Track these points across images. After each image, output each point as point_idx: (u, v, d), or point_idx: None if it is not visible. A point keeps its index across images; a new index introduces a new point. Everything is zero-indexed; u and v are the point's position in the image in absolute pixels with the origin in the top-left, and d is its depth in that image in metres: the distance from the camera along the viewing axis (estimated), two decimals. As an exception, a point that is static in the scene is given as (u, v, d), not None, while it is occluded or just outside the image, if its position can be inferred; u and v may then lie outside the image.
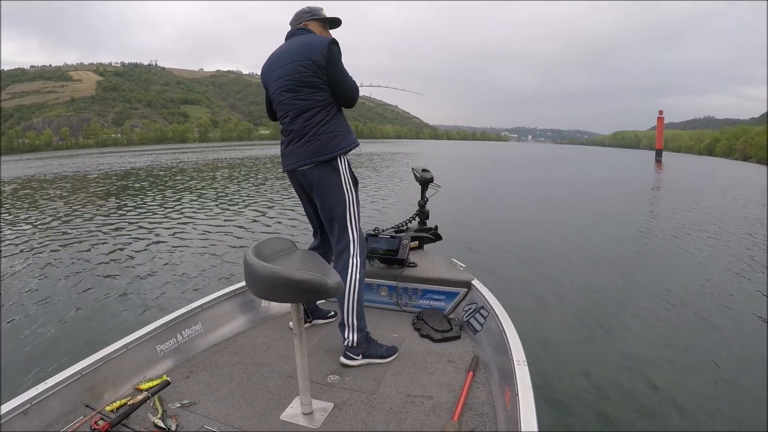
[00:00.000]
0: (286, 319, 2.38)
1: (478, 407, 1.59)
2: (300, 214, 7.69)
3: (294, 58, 1.94)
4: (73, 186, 15.59)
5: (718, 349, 3.35)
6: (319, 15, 2.11)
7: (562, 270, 5.30)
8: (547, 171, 22.98)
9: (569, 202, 11.40)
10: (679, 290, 4.68)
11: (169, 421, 1.49)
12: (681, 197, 12.79)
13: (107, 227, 7.90)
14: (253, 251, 1.42)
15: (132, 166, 25.10)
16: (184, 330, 2.04)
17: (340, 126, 1.97)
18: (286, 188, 12.60)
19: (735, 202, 12.04)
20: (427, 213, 3.11)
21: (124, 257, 5.91)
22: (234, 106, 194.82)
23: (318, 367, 1.90)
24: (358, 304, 1.92)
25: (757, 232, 7.88)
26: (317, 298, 1.66)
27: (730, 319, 3.92)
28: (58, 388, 1.52)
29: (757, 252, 6.43)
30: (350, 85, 1.98)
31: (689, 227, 8.17)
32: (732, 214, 9.89)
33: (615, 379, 2.91)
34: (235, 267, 5.30)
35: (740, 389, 2.81)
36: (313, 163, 1.94)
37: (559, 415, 2.54)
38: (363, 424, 1.52)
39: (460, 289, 2.43)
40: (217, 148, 56.61)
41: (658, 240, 7.20)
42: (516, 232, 7.45)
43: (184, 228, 7.79)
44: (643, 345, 3.40)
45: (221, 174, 18.78)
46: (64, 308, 4.15)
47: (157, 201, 11.08)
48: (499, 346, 1.83)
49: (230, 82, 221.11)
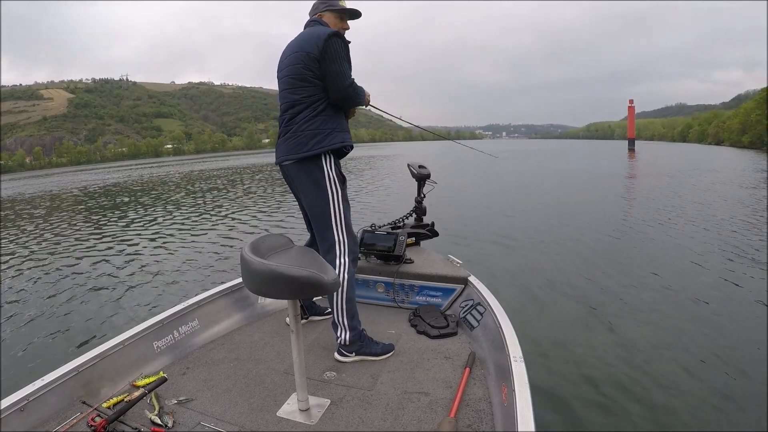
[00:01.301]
0: (282, 316, 2.38)
1: (474, 403, 1.60)
2: (296, 211, 7.67)
3: (294, 50, 1.91)
4: (74, 200, 15.52)
5: (717, 339, 3.36)
6: (336, 6, 2.01)
7: (553, 262, 5.32)
8: (524, 164, 23.51)
9: (549, 195, 11.47)
10: (669, 276, 4.73)
11: (165, 417, 1.49)
12: (654, 184, 13.07)
13: (106, 237, 7.89)
14: (250, 248, 1.42)
15: (115, 181, 25.01)
16: (181, 327, 2.03)
17: (327, 124, 1.88)
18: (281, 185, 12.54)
19: (714, 186, 12.26)
20: (424, 209, 3.11)
21: (122, 258, 5.90)
22: (207, 117, 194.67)
23: (315, 363, 1.90)
24: (348, 303, 1.91)
25: (737, 212, 7.99)
26: (314, 294, 1.66)
27: (723, 306, 3.94)
28: (55, 385, 1.52)
29: (742, 233, 6.52)
30: (344, 82, 1.86)
31: (667, 214, 8.25)
32: (711, 197, 10.05)
33: (612, 374, 2.92)
34: (227, 263, 5.30)
35: (739, 383, 2.82)
36: (293, 160, 1.90)
37: (556, 411, 2.55)
38: (360, 421, 1.52)
39: (457, 285, 2.43)
40: (193, 161, 55.55)
41: (640, 227, 7.28)
42: (500, 223, 7.49)
43: (182, 228, 7.77)
44: (639, 338, 3.41)
45: (204, 185, 18.67)
46: (64, 307, 4.15)
47: (146, 211, 11.04)
48: (495, 343, 1.84)
49: (202, 93, 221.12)
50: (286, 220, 8.01)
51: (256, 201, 10.49)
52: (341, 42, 1.87)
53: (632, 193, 11.73)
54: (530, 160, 28.18)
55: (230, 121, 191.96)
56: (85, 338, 3.47)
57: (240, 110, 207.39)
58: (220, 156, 75.21)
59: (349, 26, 2.07)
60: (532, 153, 39.42)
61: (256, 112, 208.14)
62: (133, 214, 9.64)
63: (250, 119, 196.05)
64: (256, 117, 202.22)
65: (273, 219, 8.26)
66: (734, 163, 21.54)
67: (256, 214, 8.79)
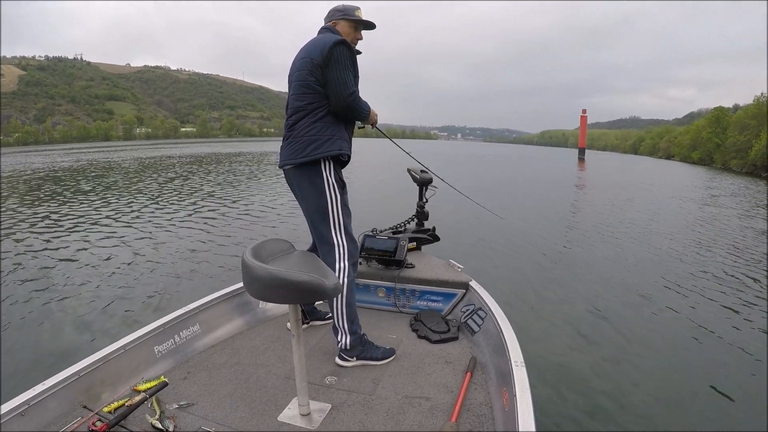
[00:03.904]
0: (283, 321, 2.38)
1: (475, 408, 1.60)
2: (299, 214, 7.67)
3: (301, 56, 1.93)
4: (39, 185, 15.40)
5: (716, 347, 3.37)
6: (352, 15, 2.00)
7: (553, 265, 5.32)
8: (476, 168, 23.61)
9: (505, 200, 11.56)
10: (678, 281, 4.79)
11: (166, 422, 1.49)
12: (596, 195, 13.55)
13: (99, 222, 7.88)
14: (251, 252, 1.42)
15: (79, 165, 23.66)
16: (182, 331, 2.04)
17: (327, 131, 1.89)
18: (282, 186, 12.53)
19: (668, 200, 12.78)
20: (427, 214, 3.11)
21: (123, 258, 5.90)
22: (161, 102, 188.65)
23: (316, 368, 1.90)
24: (348, 308, 1.92)
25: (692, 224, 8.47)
26: (315, 299, 1.66)
27: (722, 312, 3.95)
28: (56, 389, 1.51)
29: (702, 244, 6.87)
30: (344, 91, 1.85)
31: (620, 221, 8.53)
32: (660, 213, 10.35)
33: (613, 379, 2.92)
34: (227, 267, 5.30)
35: (739, 391, 2.82)
36: (293, 164, 1.93)
37: (558, 417, 2.54)
38: (361, 425, 1.52)
39: (458, 290, 2.43)
40: (144, 147, 53.00)
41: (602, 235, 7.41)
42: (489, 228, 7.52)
43: (181, 229, 7.78)
44: (639, 343, 3.41)
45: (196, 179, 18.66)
46: (57, 308, 4.14)
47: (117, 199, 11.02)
48: (496, 347, 1.84)
49: (158, 78, 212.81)
50: (289, 224, 8.02)
51: (258, 204, 10.51)
52: (347, 51, 1.87)
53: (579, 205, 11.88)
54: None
55: (184, 108, 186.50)
56: (85, 342, 3.47)
57: (195, 97, 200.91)
58: (171, 143, 72.82)
59: (363, 37, 2.08)
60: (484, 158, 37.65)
61: (211, 99, 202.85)
62: (114, 204, 9.49)
63: (204, 107, 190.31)
64: (210, 105, 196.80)
65: (275, 222, 8.26)
66: (681, 178, 22.54)
67: (257, 217, 8.79)
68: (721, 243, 7.07)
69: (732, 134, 37.14)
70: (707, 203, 12.39)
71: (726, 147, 37.76)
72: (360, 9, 2.05)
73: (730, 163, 35.53)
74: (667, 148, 62.41)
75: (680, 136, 59.31)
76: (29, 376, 2.87)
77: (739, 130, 35.82)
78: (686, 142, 52.30)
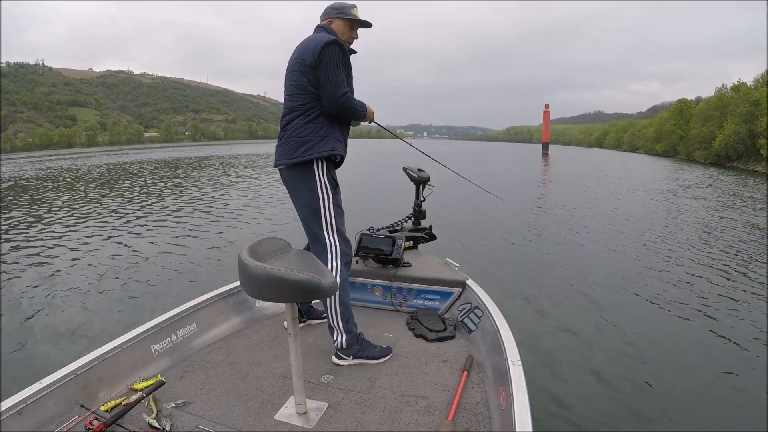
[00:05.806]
0: (280, 319, 2.38)
1: (472, 407, 1.60)
2: (294, 213, 7.65)
3: (294, 56, 1.93)
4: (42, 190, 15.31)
5: (718, 345, 3.39)
6: (347, 14, 1.99)
7: (552, 265, 5.34)
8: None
9: None
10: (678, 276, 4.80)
11: (163, 420, 1.49)
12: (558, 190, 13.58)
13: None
14: (248, 251, 1.42)
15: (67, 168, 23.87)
16: (179, 330, 2.04)
17: (319, 131, 1.89)
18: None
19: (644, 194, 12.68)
20: (424, 213, 3.12)
21: (123, 258, 5.88)
22: (124, 107, 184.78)
23: (312, 366, 1.91)
24: (342, 307, 1.92)
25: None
26: (312, 298, 1.67)
27: (718, 310, 3.97)
28: (53, 388, 1.51)
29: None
30: (336, 91, 1.84)
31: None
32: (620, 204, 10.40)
33: (610, 377, 2.93)
34: (224, 266, 5.29)
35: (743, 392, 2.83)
36: (286, 165, 1.93)
37: (554, 415, 2.55)
38: (357, 424, 1.52)
39: (455, 289, 2.44)
40: (107, 153, 50.80)
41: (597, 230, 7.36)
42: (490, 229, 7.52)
43: (179, 230, 7.76)
44: (635, 341, 3.42)
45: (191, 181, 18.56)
46: (60, 306, 4.13)
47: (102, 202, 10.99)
48: (493, 346, 1.84)
49: (120, 82, 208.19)
50: (286, 223, 8.00)
51: (254, 203, 10.49)
52: (339, 51, 1.86)
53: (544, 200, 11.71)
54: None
55: (148, 112, 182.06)
56: (83, 341, 3.45)
57: (159, 101, 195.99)
58: (136, 148, 71.22)
59: (358, 36, 2.07)
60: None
61: (175, 103, 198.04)
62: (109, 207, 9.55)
63: (168, 111, 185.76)
64: (174, 109, 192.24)
65: (271, 221, 8.25)
66: (646, 170, 22.55)
67: (253, 215, 8.78)
68: (723, 237, 7.03)
69: (695, 126, 37.04)
70: (709, 204, 12.17)
71: (690, 138, 37.75)
72: (356, 7, 2.04)
73: (693, 154, 35.46)
74: (631, 141, 62.32)
75: (644, 129, 59.44)
76: (23, 376, 2.86)
77: (702, 122, 35.70)
78: (650, 135, 52.11)
